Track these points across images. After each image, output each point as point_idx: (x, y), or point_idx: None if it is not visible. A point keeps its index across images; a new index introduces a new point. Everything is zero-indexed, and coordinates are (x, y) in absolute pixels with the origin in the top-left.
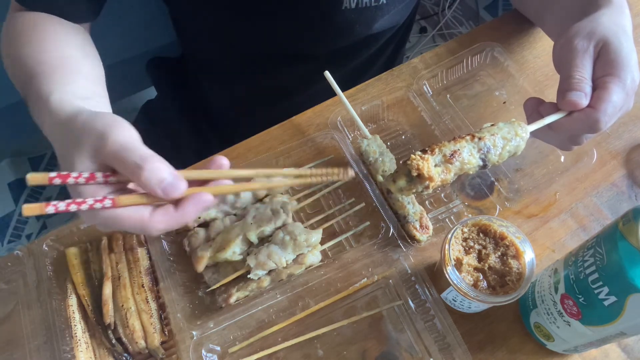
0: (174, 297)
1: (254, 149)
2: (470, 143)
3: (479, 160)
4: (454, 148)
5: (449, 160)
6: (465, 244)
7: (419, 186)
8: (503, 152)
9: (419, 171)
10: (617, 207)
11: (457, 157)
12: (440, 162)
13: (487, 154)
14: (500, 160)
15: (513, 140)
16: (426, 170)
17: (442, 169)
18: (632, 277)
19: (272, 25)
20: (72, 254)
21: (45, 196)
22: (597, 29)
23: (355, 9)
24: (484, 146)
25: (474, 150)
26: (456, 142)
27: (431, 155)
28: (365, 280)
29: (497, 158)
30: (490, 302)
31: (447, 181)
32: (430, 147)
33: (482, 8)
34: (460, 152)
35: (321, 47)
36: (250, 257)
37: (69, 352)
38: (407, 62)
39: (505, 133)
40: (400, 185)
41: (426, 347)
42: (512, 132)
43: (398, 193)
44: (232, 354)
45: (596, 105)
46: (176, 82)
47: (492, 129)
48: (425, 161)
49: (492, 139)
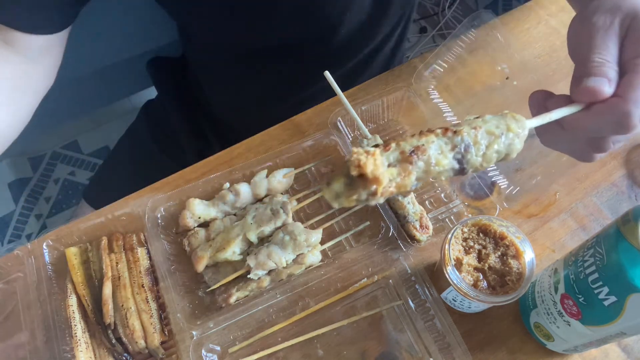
0: (174, 297)
1: (254, 149)
2: (442, 138)
3: (452, 161)
4: (416, 143)
5: (408, 159)
6: (465, 244)
7: (362, 192)
8: (488, 152)
9: (360, 169)
10: (617, 207)
11: (421, 155)
12: (396, 161)
13: (464, 153)
14: (485, 163)
15: (503, 136)
16: (371, 168)
17: (398, 171)
18: (632, 277)
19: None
20: (72, 254)
21: (45, 196)
22: (624, 1)
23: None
24: (460, 143)
25: (446, 147)
26: (422, 135)
27: (384, 150)
28: (365, 280)
29: (479, 160)
30: (490, 302)
31: (405, 187)
32: (386, 142)
33: (482, 8)
34: (425, 148)
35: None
36: (250, 257)
37: (69, 352)
38: (407, 62)
39: (492, 127)
40: (336, 190)
41: (426, 347)
42: (503, 127)
43: (334, 202)
44: (232, 354)
45: (625, 94)
46: (176, 82)
47: (474, 122)
48: (372, 156)
49: (472, 134)
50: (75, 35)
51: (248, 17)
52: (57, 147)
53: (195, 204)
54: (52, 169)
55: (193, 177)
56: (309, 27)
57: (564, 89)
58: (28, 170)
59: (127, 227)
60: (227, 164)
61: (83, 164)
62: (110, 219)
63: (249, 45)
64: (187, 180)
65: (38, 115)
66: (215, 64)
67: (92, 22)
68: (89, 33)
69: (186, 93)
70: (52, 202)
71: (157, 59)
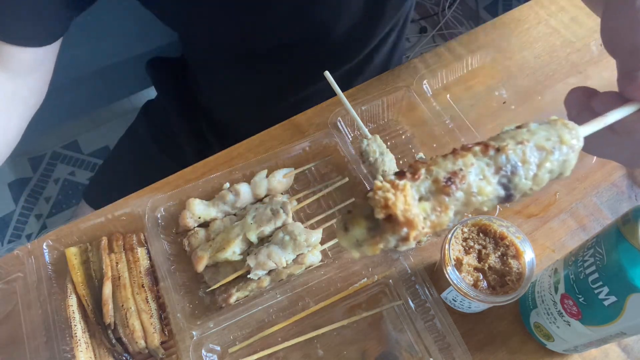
0: (174, 297)
1: (254, 149)
2: (482, 158)
3: (497, 187)
4: (452, 167)
5: (444, 190)
6: (465, 244)
7: (390, 237)
8: (540, 172)
9: (387, 211)
10: (617, 207)
11: (459, 183)
12: (429, 192)
13: (511, 176)
14: (535, 186)
15: (557, 151)
16: (401, 209)
17: (432, 205)
18: (632, 277)
19: (253, 19)
20: (72, 254)
21: (45, 196)
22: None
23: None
24: (506, 163)
25: (489, 170)
26: (457, 156)
27: (412, 180)
28: (365, 280)
29: (529, 184)
30: (490, 302)
31: (441, 226)
32: (413, 167)
33: (482, 8)
34: (465, 174)
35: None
36: (250, 257)
37: (69, 352)
38: (407, 62)
39: (542, 140)
40: (357, 237)
41: (426, 347)
42: (554, 138)
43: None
44: (232, 354)
45: None
46: (176, 83)
47: (518, 134)
48: (401, 192)
49: (518, 151)
50: (75, 35)
51: (243, 19)
52: (57, 147)
53: (195, 204)
54: (52, 169)
55: (193, 177)
56: (304, 29)
57: (564, 89)
58: (28, 170)
59: (127, 227)
60: (227, 164)
61: (83, 164)
62: (110, 219)
63: (247, 46)
64: (187, 180)
65: (38, 115)
66: (215, 65)
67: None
68: (89, 33)
69: (186, 93)
70: (52, 202)
71: (157, 59)
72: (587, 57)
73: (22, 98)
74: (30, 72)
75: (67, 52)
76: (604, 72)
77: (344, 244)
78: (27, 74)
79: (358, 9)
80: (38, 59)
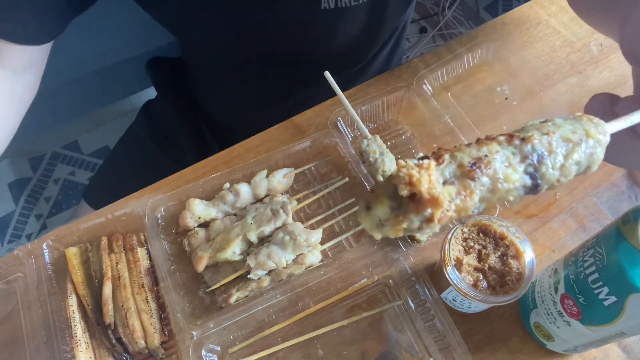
0: (174, 297)
1: (254, 149)
2: (507, 147)
3: (523, 176)
4: (477, 154)
5: (469, 175)
6: (465, 244)
7: (414, 217)
8: (567, 163)
9: (412, 187)
10: (617, 207)
11: (485, 169)
12: (454, 176)
13: (537, 165)
14: (563, 178)
15: (583, 144)
16: (426, 187)
17: (457, 189)
18: (632, 277)
19: (251, 31)
20: (72, 254)
21: (45, 196)
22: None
23: (335, 8)
24: (532, 152)
25: (515, 158)
26: (481, 144)
27: (436, 163)
28: (365, 280)
29: (556, 174)
30: (490, 302)
31: (466, 211)
32: (436, 153)
33: (482, 8)
34: (490, 160)
35: (307, 50)
36: (250, 257)
37: (69, 352)
38: (407, 62)
39: (568, 132)
40: (380, 216)
41: (426, 347)
42: (580, 132)
43: (375, 232)
44: (232, 354)
45: None
46: (176, 83)
47: (543, 126)
48: (425, 170)
49: (544, 141)
50: (75, 35)
51: (241, 32)
52: (57, 147)
53: (195, 204)
54: (52, 169)
55: (193, 177)
56: (300, 43)
57: (563, 89)
58: (28, 170)
59: (127, 227)
60: (227, 164)
61: (83, 164)
62: (110, 219)
63: (247, 52)
64: (187, 180)
65: (38, 115)
66: (214, 69)
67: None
68: (89, 33)
69: (185, 93)
70: (52, 202)
71: (157, 59)
72: (587, 57)
73: (18, 95)
74: (26, 70)
75: (67, 52)
76: (604, 72)
77: (366, 224)
78: (24, 72)
79: (357, 21)
80: (35, 56)
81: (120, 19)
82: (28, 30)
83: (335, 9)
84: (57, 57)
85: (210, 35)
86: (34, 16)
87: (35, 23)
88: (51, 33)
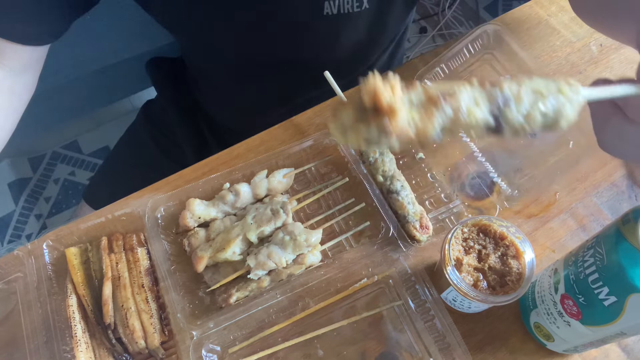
0: (174, 297)
1: (254, 149)
2: (477, 88)
3: (487, 115)
4: (446, 89)
5: (434, 102)
6: (465, 244)
7: (373, 126)
8: (533, 111)
9: (375, 99)
10: (617, 207)
11: (449, 100)
12: (420, 103)
13: (502, 108)
14: (529, 123)
15: (552, 97)
16: (388, 99)
17: (420, 113)
18: (632, 277)
19: (252, 35)
20: (72, 254)
21: (45, 196)
22: None
23: (337, 14)
24: (500, 96)
25: (482, 98)
26: (456, 84)
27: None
28: (365, 280)
29: (520, 118)
30: (490, 302)
31: (425, 134)
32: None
33: (482, 8)
34: (457, 94)
35: (309, 55)
36: (250, 257)
37: (69, 352)
38: (407, 62)
39: (541, 86)
40: (343, 121)
41: (426, 347)
42: (553, 88)
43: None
44: (232, 354)
45: None
46: (176, 83)
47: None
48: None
49: (514, 89)
50: (75, 35)
51: (242, 36)
52: (57, 147)
53: (195, 204)
54: (52, 169)
55: (193, 177)
56: (301, 48)
57: None
58: (28, 170)
59: (127, 227)
60: (227, 164)
61: (83, 164)
62: (110, 219)
63: (247, 58)
64: (187, 180)
65: (38, 115)
66: (214, 71)
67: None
68: (89, 33)
69: (185, 94)
70: (52, 202)
71: (156, 59)
72: (587, 57)
73: (17, 94)
74: (26, 70)
75: (67, 52)
76: (604, 72)
77: (332, 127)
78: (23, 71)
79: (360, 27)
80: (35, 57)
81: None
82: (30, 30)
83: (337, 15)
84: (57, 57)
85: (210, 39)
86: (36, 17)
87: (37, 24)
88: (53, 34)
